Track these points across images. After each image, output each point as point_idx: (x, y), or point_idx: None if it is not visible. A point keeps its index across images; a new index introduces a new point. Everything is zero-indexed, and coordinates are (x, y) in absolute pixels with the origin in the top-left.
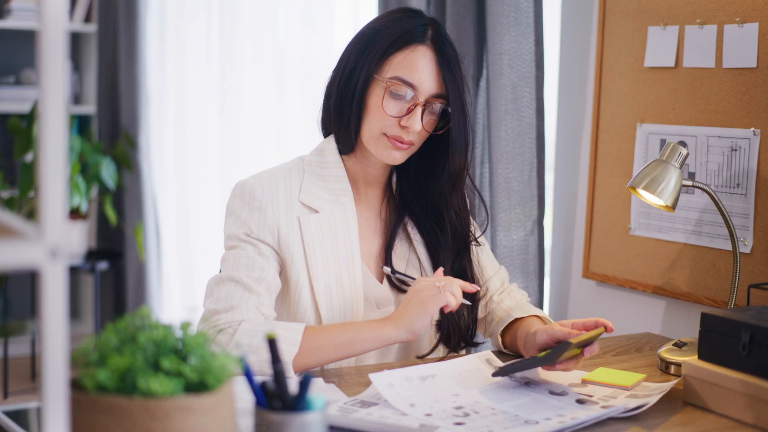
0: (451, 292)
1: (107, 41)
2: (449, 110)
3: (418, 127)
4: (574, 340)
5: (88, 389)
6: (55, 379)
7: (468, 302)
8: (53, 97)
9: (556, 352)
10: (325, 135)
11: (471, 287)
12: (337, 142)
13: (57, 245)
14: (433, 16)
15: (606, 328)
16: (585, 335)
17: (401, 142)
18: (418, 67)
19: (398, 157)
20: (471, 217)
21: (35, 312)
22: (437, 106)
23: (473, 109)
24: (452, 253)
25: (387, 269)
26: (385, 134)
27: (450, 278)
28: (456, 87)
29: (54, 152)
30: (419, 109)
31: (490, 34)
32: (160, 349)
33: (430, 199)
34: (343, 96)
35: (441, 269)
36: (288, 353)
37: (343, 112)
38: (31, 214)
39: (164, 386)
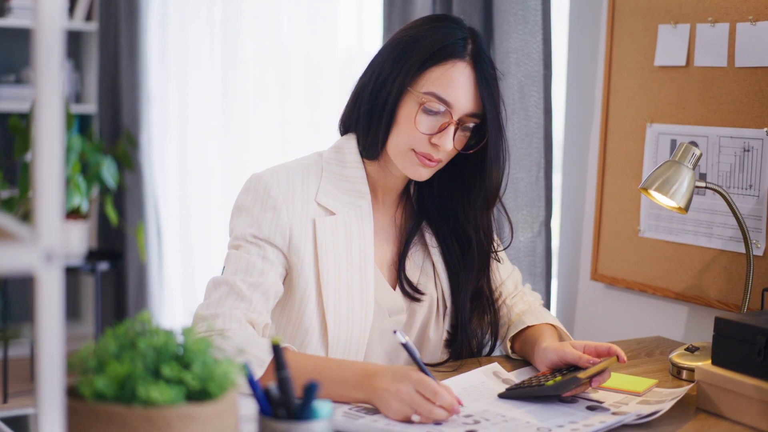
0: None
1: (108, 40)
2: (482, 128)
3: (449, 146)
4: (582, 376)
5: (86, 397)
6: (50, 387)
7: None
8: (49, 96)
9: (564, 385)
10: (343, 134)
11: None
12: (362, 147)
13: (53, 249)
14: (471, 26)
15: (618, 358)
16: (594, 368)
17: (430, 160)
18: (455, 85)
19: (424, 174)
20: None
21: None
22: (470, 124)
23: None
24: (475, 276)
25: (401, 338)
26: (413, 150)
27: (431, 413)
28: (494, 107)
29: (50, 153)
30: (452, 128)
31: (497, 32)
32: (161, 356)
33: (453, 213)
34: (374, 104)
35: (437, 393)
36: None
37: (372, 121)
38: (27, 215)
39: (165, 394)
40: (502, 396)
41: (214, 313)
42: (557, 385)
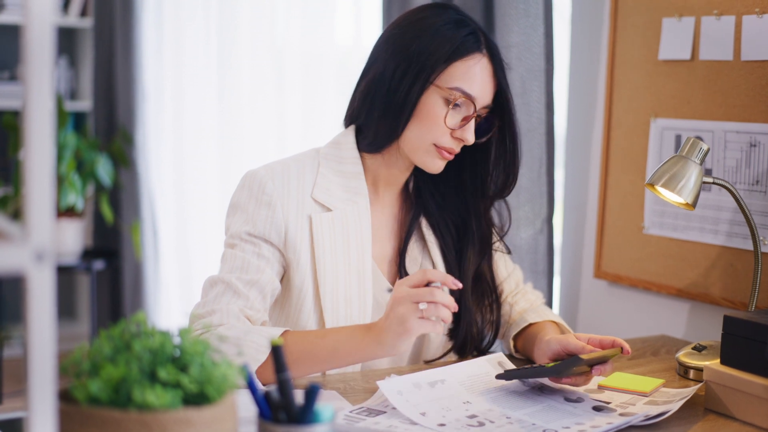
0: (436, 315)
1: (103, 36)
2: (490, 118)
3: (472, 140)
4: (585, 356)
5: (80, 401)
6: (42, 390)
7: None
8: (40, 93)
9: (565, 365)
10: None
11: (454, 284)
12: (370, 141)
13: (43, 248)
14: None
15: (622, 350)
16: (598, 353)
17: (450, 153)
18: (478, 79)
19: (442, 166)
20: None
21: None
22: (483, 114)
23: None
24: (476, 262)
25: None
26: (434, 144)
27: (432, 293)
28: (509, 97)
29: (41, 151)
30: (473, 122)
31: (498, 25)
32: (157, 358)
33: (452, 204)
34: (392, 98)
35: (424, 272)
36: (253, 360)
37: (387, 115)
38: (19, 213)
39: (161, 398)
40: (499, 377)
41: (210, 310)
42: (557, 366)
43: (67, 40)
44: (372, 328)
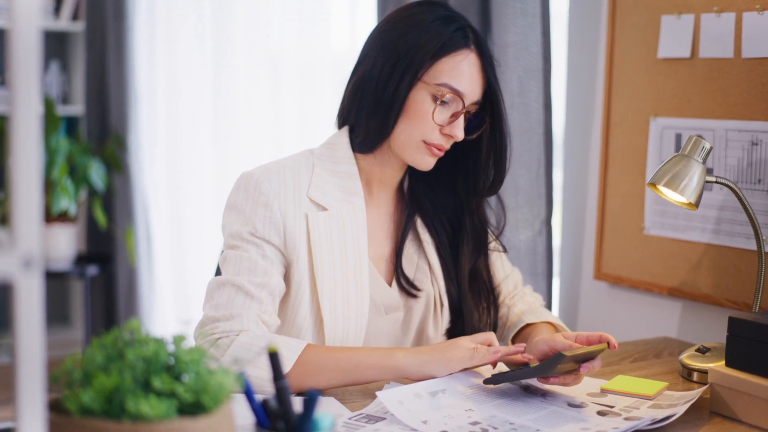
0: (482, 357)
1: (95, 39)
2: (480, 114)
3: (462, 136)
4: (568, 353)
5: (72, 412)
6: (31, 401)
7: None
8: (26, 98)
9: (549, 364)
10: (341, 127)
11: (516, 352)
12: (362, 140)
13: (31, 254)
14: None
15: (609, 345)
16: (582, 349)
17: (440, 150)
18: (466, 75)
19: (432, 163)
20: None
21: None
22: (472, 110)
23: None
24: (471, 261)
25: None
26: (424, 141)
27: (492, 342)
28: (498, 93)
29: (27, 156)
30: (462, 118)
31: (495, 25)
32: (151, 367)
33: (447, 202)
34: (381, 96)
35: (491, 335)
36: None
37: (377, 113)
38: (5, 219)
39: (156, 408)
40: (487, 382)
41: (228, 314)
42: (542, 366)
43: (58, 44)
44: (407, 349)
